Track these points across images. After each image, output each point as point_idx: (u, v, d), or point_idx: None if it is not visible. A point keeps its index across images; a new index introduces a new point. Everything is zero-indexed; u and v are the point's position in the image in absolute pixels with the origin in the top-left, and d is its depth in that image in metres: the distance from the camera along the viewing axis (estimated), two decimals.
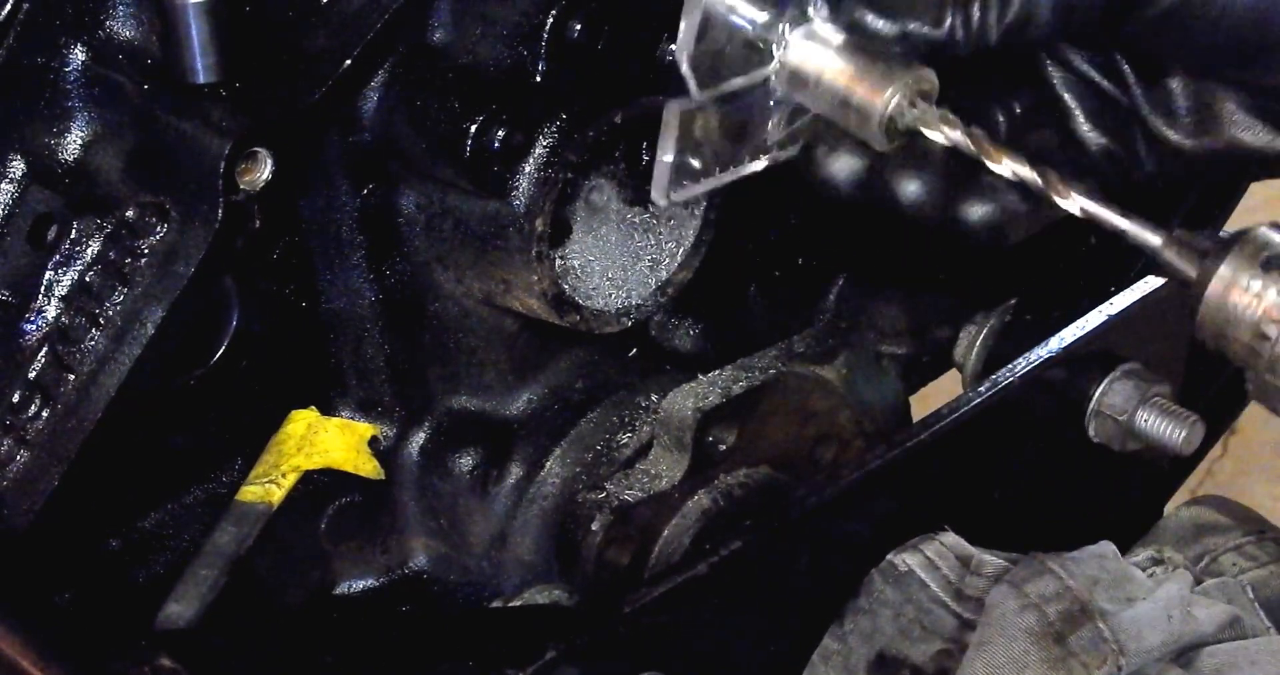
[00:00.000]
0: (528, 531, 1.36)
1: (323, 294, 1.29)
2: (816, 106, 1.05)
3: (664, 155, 1.04)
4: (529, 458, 1.36)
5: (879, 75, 1.01)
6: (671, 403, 1.35)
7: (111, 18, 1.15)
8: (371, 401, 1.33)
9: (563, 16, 1.20)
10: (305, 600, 1.35)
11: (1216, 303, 0.92)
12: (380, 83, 1.21)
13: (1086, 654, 1.13)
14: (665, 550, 1.33)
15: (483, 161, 1.18)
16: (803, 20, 1.04)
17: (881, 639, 1.21)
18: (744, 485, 1.37)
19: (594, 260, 1.27)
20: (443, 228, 1.26)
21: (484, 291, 1.27)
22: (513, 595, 1.36)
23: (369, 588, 1.38)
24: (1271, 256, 0.92)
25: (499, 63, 1.21)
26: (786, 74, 1.04)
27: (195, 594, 1.23)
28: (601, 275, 1.28)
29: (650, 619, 1.17)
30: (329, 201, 1.25)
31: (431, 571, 1.39)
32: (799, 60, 1.03)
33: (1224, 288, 0.92)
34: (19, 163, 1.17)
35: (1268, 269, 0.91)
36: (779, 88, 1.05)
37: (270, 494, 1.27)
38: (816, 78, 1.03)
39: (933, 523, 1.24)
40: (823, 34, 1.03)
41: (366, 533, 1.37)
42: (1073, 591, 1.16)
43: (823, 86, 1.03)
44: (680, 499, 1.34)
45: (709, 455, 1.36)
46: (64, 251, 1.16)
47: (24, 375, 1.15)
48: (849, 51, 1.02)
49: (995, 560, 1.22)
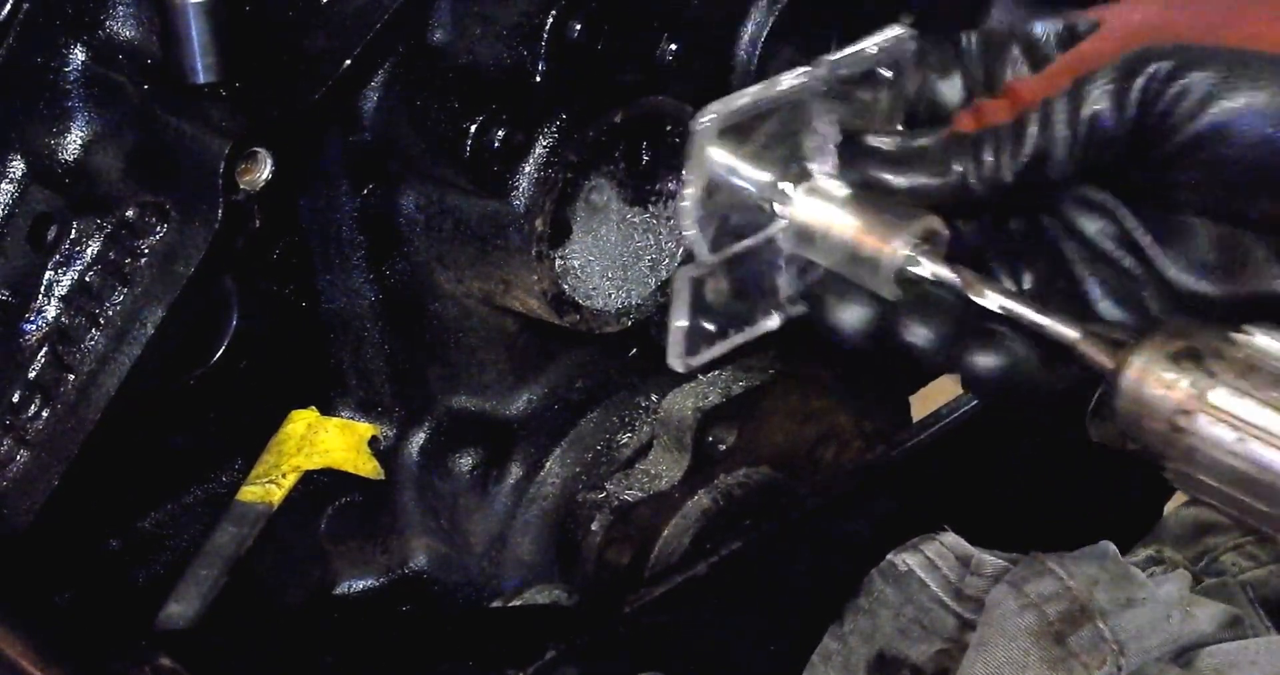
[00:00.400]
0: (528, 531, 1.36)
1: (323, 294, 1.29)
2: (825, 260, 1.05)
3: (678, 321, 1.04)
4: (529, 458, 1.36)
5: (885, 227, 1.01)
6: (671, 403, 1.35)
7: (111, 18, 1.15)
8: (371, 401, 1.33)
9: (563, 16, 1.20)
10: (305, 600, 1.35)
11: (1132, 394, 0.93)
12: (380, 83, 1.21)
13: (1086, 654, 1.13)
14: (665, 550, 1.33)
15: (483, 161, 1.18)
16: (806, 177, 1.04)
17: (881, 639, 1.21)
18: (744, 485, 1.37)
19: (594, 260, 1.27)
20: (443, 228, 1.26)
21: (484, 291, 1.27)
22: (513, 595, 1.36)
23: (369, 588, 1.38)
24: (1183, 348, 0.93)
25: (499, 63, 1.21)
26: (793, 231, 1.04)
27: (195, 594, 1.23)
28: (601, 275, 1.28)
29: (650, 619, 1.17)
30: (329, 201, 1.25)
31: (431, 571, 1.39)
32: (805, 216, 1.04)
33: (1138, 380, 0.93)
34: (19, 163, 1.17)
35: (1179, 361, 0.92)
36: (787, 245, 1.05)
37: (270, 494, 1.27)
38: (824, 232, 1.03)
39: (933, 523, 1.24)
40: (827, 189, 1.04)
41: (366, 533, 1.37)
42: (1073, 591, 1.16)
43: (830, 241, 1.03)
44: (680, 499, 1.35)
45: (709, 455, 1.36)
46: (64, 251, 1.16)
47: (24, 375, 1.15)
48: (854, 205, 1.03)
49: (995, 560, 1.22)
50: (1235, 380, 0.90)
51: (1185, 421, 0.91)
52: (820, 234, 1.03)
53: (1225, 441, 0.90)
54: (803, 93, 1.03)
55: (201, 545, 1.26)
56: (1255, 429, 0.89)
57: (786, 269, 1.08)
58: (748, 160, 1.03)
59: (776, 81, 1.02)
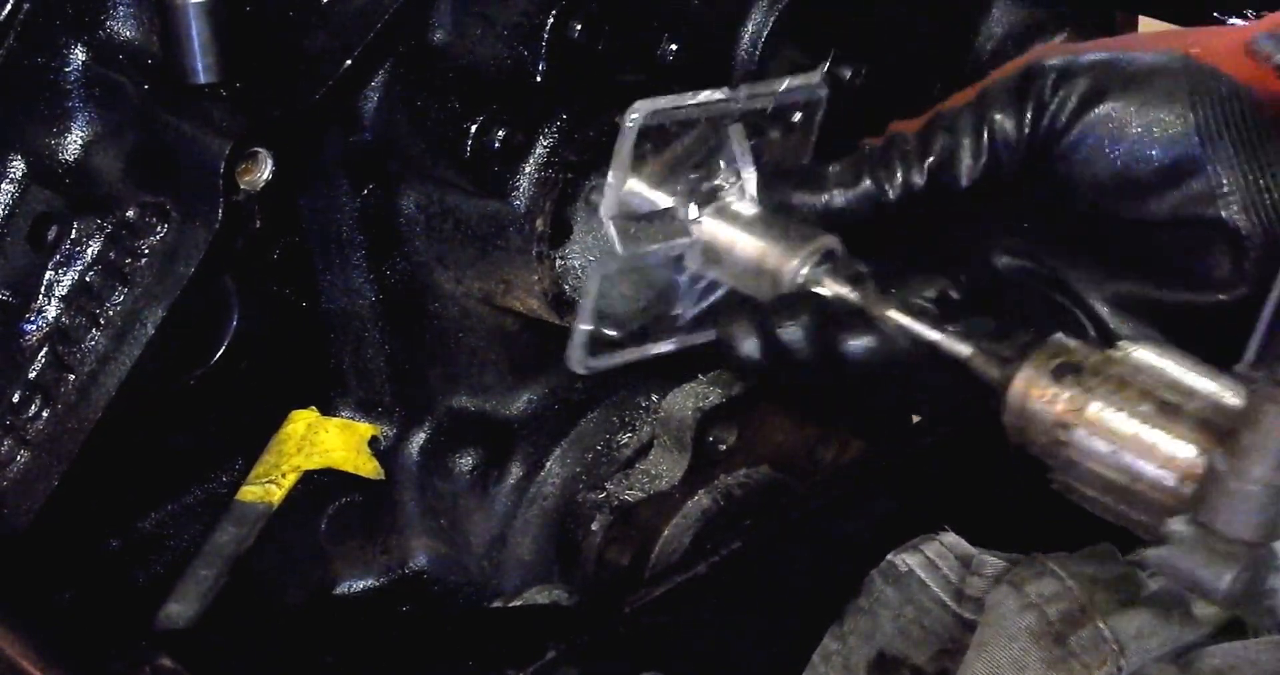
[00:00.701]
0: (528, 531, 1.36)
1: (323, 294, 1.29)
2: (729, 279, 1.10)
3: (581, 323, 1.09)
4: (529, 458, 1.36)
5: (787, 245, 1.07)
6: (672, 403, 1.36)
7: (111, 18, 1.15)
8: (371, 401, 1.33)
9: (563, 16, 1.20)
10: (305, 600, 1.35)
11: (1016, 408, 0.98)
12: (380, 83, 1.21)
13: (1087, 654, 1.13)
14: (665, 550, 1.33)
15: (483, 161, 1.18)
16: (715, 196, 1.09)
17: (881, 639, 1.21)
18: (744, 485, 1.37)
19: (594, 260, 1.27)
20: (443, 228, 1.26)
21: (484, 291, 1.27)
22: (513, 595, 1.36)
23: (369, 588, 1.38)
24: (1063, 364, 0.97)
25: (499, 63, 1.21)
26: (700, 249, 1.10)
27: (195, 593, 1.23)
28: None
29: (650, 619, 1.17)
30: (329, 201, 1.25)
31: (431, 571, 1.39)
32: (712, 235, 1.09)
33: (1021, 394, 0.98)
34: (19, 163, 1.17)
35: (1059, 376, 0.97)
36: (693, 262, 1.11)
37: (270, 494, 1.27)
38: (729, 251, 1.09)
39: (933, 523, 1.24)
40: (734, 209, 1.09)
41: (366, 533, 1.37)
42: (1073, 591, 1.16)
43: (734, 259, 1.08)
44: (680, 499, 1.35)
45: (709, 455, 1.36)
46: (64, 251, 1.16)
47: (24, 375, 1.15)
48: (759, 225, 1.08)
49: (995, 560, 1.22)
50: (1110, 395, 0.95)
51: (1064, 435, 0.96)
52: (725, 252, 1.09)
53: (1101, 453, 0.94)
54: (722, 112, 1.09)
55: (201, 545, 1.26)
56: (1127, 440, 0.94)
57: (687, 294, 1.12)
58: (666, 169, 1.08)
59: (698, 92, 1.07)
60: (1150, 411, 0.94)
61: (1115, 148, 1.03)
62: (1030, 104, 1.05)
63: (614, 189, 1.06)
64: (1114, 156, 1.03)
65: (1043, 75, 1.05)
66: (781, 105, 1.12)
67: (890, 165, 1.07)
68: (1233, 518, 0.90)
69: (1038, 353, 0.99)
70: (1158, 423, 0.94)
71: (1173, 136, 1.02)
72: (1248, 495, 0.89)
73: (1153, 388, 0.95)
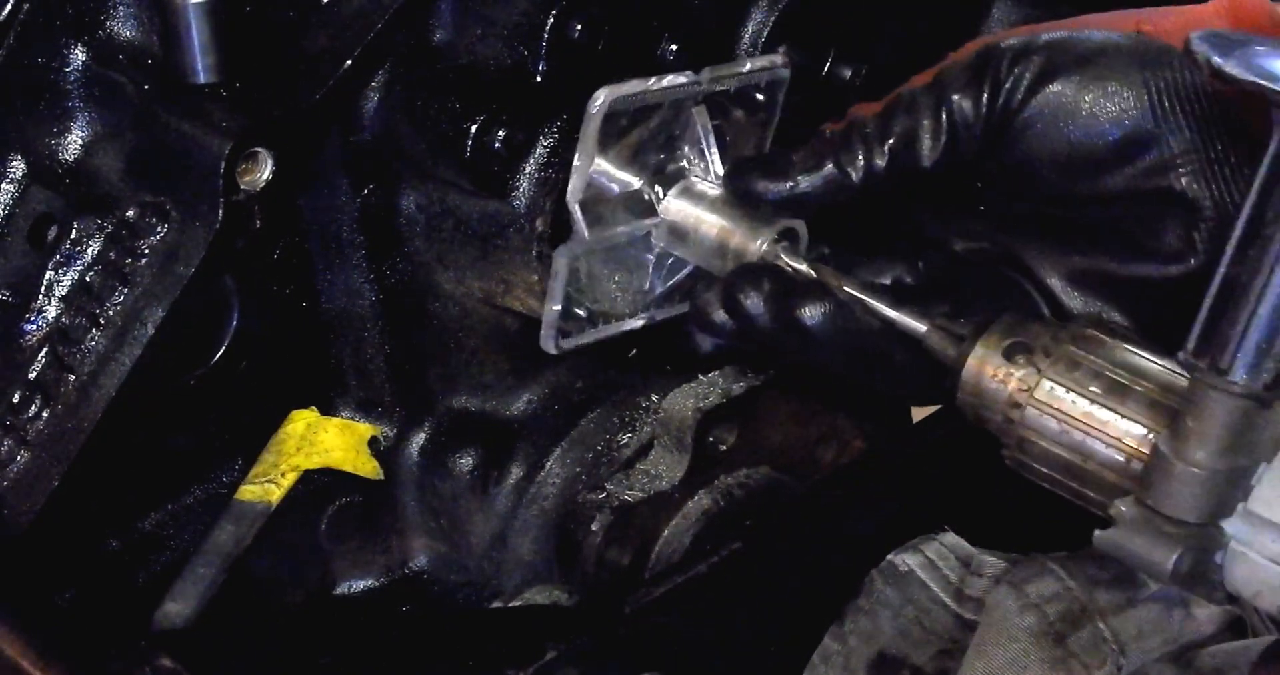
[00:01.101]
0: (528, 531, 1.36)
1: (323, 294, 1.29)
2: (695, 257, 1.14)
3: (552, 304, 1.12)
4: (529, 458, 1.36)
5: (750, 225, 1.10)
6: (672, 403, 1.36)
7: (111, 18, 1.15)
8: (371, 401, 1.33)
9: (563, 16, 1.20)
10: (305, 600, 1.35)
11: (971, 386, 1.01)
12: (380, 83, 1.21)
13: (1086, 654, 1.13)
14: (665, 550, 1.33)
15: (483, 161, 1.18)
16: (681, 177, 1.13)
17: (881, 639, 1.21)
18: (744, 485, 1.37)
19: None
20: (443, 228, 1.26)
21: (484, 291, 1.27)
22: (513, 595, 1.36)
23: (369, 588, 1.38)
24: (1014, 343, 1.00)
25: (499, 63, 1.21)
26: (666, 228, 1.13)
27: (193, 592, 1.23)
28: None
29: (650, 619, 1.17)
30: (329, 201, 1.25)
31: (431, 571, 1.39)
32: (677, 215, 1.13)
33: (975, 373, 1.01)
34: (19, 163, 1.16)
35: (1011, 355, 1.00)
36: (660, 241, 1.14)
37: (269, 493, 1.27)
38: (694, 230, 1.12)
39: (933, 523, 1.24)
40: (699, 189, 1.12)
41: (366, 533, 1.36)
42: (1073, 591, 1.16)
43: (699, 238, 1.12)
44: (680, 499, 1.35)
45: (709, 455, 1.36)
46: (64, 251, 1.16)
47: (24, 375, 1.15)
48: (723, 204, 1.11)
49: (995, 560, 1.22)
50: (1061, 374, 0.98)
51: (1017, 413, 0.99)
52: (690, 231, 1.12)
53: (1051, 431, 0.98)
54: (685, 95, 1.12)
55: (200, 544, 1.26)
56: (1076, 420, 0.97)
57: (656, 271, 1.16)
58: (631, 152, 1.11)
59: (663, 78, 1.10)
60: (1100, 391, 0.97)
61: (1069, 125, 1.04)
62: (987, 83, 1.05)
63: (580, 173, 1.09)
64: (1068, 133, 1.04)
65: (999, 55, 1.05)
66: (745, 85, 1.15)
67: (851, 148, 1.07)
68: (1177, 500, 0.92)
69: (991, 332, 1.01)
70: (1108, 402, 0.97)
71: (1126, 112, 1.03)
72: (1191, 478, 0.92)
73: (1103, 367, 0.98)
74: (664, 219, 1.13)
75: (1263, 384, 0.90)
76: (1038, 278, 1.10)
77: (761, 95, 1.16)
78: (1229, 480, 0.92)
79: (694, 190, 1.13)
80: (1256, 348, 0.89)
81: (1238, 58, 0.87)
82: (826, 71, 1.38)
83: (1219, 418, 0.90)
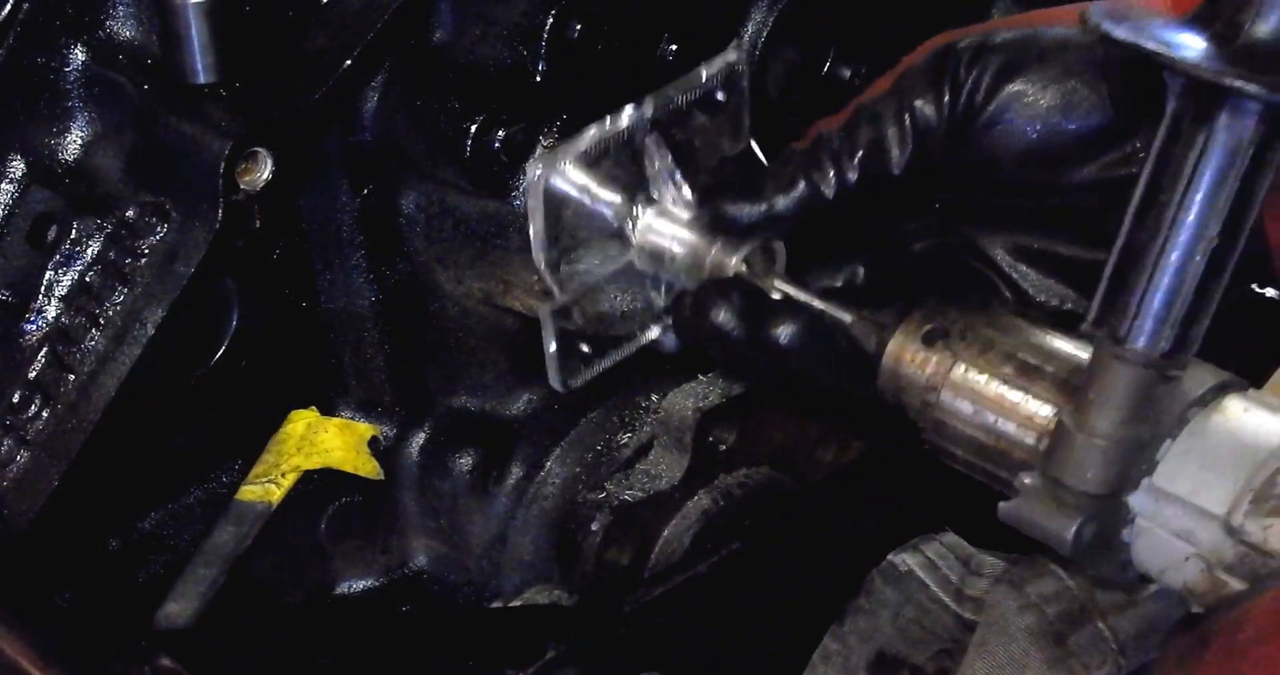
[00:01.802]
0: (528, 531, 1.36)
1: (323, 294, 1.29)
2: (673, 278, 1.14)
3: (549, 348, 1.12)
4: (529, 458, 1.36)
5: (725, 244, 1.10)
6: (672, 403, 1.35)
7: (111, 18, 1.15)
8: (371, 401, 1.33)
9: (563, 16, 1.20)
10: (305, 600, 1.35)
11: (890, 371, 1.03)
12: (380, 83, 1.21)
13: (1086, 654, 1.13)
14: (665, 550, 1.33)
15: (483, 162, 1.18)
16: (651, 203, 1.13)
17: (881, 639, 1.21)
18: (744, 485, 1.37)
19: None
20: (443, 228, 1.26)
21: (484, 291, 1.27)
22: (513, 595, 1.36)
23: (369, 588, 1.38)
24: (933, 329, 1.02)
25: (499, 63, 1.21)
26: (645, 252, 1.13)
27: (194, 592, 1.23)
28: None
29: (650, 619, 1.17)
30: (329, 201, 1.25)
31: (431, 571, 1.39)
32: (654, 237, 1.13)
33: (894, 359, 1.03)
34: (19, 163, 1.17)
35: (930, 341, 1.02)
36: (642, 265, 1.14)
37: (269, 493, 1.27)
38: (670, 252, 1.12)
39: (933, 523, 1.24)
40: (673, 211, 1.12)
41: (366, 533, 1.37)
42: (1072, 591, 1.16)
43: (677, 259, 1.12)
44: (680, 499, 1.35)
45: (709, 455, 1.36)
46: (64, 251, 1.16)
47: (24, 375, 1.15)
48: (696, 225, 1.11)
49: (995, 560, 1.22)
50: (975, 358, 1.00)
51: (932, 397, 1.01)
52: (667, 254, 1.12)
53: (965, 414, 1.00)
54: (633, 128, 1.11)
55: (200, 544, 1.26)
56: (989, 401, 0.99)
57: (655, 284, 1.16)
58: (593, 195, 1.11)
59: (604, 121, 1.10)
60: (1012, 373, 0.99)
61: (1032, 122, 1.04)
62: (947, 86, 1.06)
63: (537, 239, 1.09)
64: (1031, 130, 1.04)
65: (956, 56, 1.06)
66: (705, 92, 1.15)
67: (821, 165, 1.08)
68: (1078, 470, 0.93)
69: (910, 319, 1.03)
70: (1018, 384, 0.98)
71: (1087, 107, 1.03)
72: (1093, 448, 0.92)
73: (1016, 350, 0.99)
74: (639, 246, 1.14)
75: (1160, 352, 0.90)
76: (999, 267, 1.11)
77: (722, 94, 1.16)
78: (1131, 452, 0.92)
79: (666, 214, 1.13)
80: (1154, 315, 0.90)
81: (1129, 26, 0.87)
82: (826, 71, 1.38)
83: (1119, 387, 0.91)
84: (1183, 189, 0.88)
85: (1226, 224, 0.88)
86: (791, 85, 1.37)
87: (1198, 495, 0.92)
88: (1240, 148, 0.87)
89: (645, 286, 1.18)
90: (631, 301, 1.17)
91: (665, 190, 1.13)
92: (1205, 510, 0.92)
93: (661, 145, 1.13)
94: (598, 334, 1.16)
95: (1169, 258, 0.89)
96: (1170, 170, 0.88)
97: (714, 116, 1.17)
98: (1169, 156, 0.88)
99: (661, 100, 1.13)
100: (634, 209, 1.13)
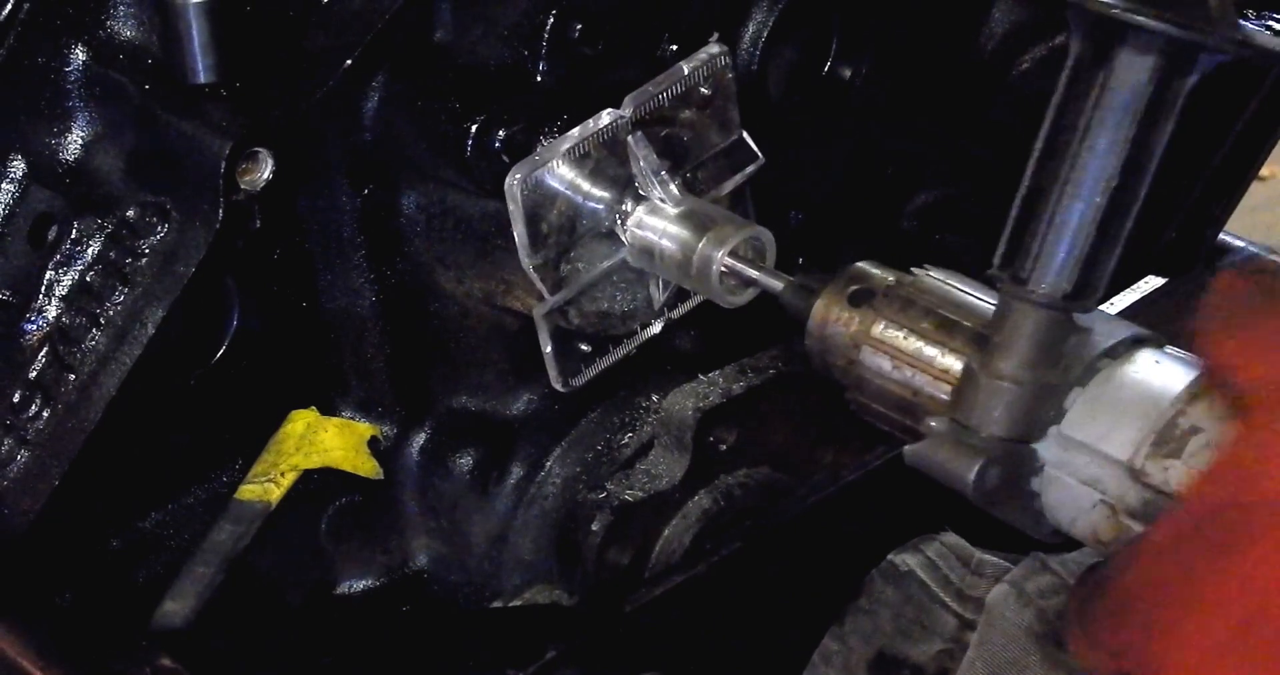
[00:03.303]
0: (528, 531, 1.36)
1: (323, 294, 1.29)
2: (664, 274, 1.16)
3: (547, 349, 1.15)
4: (529, 457, 1.36)
5: (714, 238, 1.12)
6: (672, 403, 1.36)
7: (111, 18, 1.15)
8: (371, 401, 1.33)
9: (563, 16, 1.20)
10: (305, 600, 1.35)
11: (817, 333, 1.05)
12: (380, 83, 1.21)
13: None
14: (665, 550, 1.33)
15: (483, 161, 1.18)
16: (639, 201, 1.15)
17: (881, 639, 1.21)
18: (744, 485, 1.37)
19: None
20: (443, 228, 1.26)
21: (484, 291, 1.27)
22: (513, 595, 1.36)
23: (369, 588, 1.38)
24: (858, 290, 1.04)
25: (499, 63, 1.21)
26: (636, 249, 1.15)
27: (192, 592, 1.23)
28: None
29: (650, 619, 1.17)
30: (329, 201, 1.25)
31: (431, 571, 1.39)
32: (643, 234, 1.15)
33: (820, 320, 1.04)
34: (19, 163, 1.17)
35: (855, 302, 1.03)
36: (634, 262, 1.16)
37: (269, 493, 1.27)
38: (659, 247, 1.14)
39: (933, 523, 1.24)
40: (661, 207, 1.14)
41: (366, 533, 1.36)
42: None
43: (665, 256, 1.14)
44: (680, 499, 1.35)
45: (709, 455, 1.36)
46: (64, 251, 1.16)
47: (24, 375, 1.15)
48: (683, 221, 1.14)
49: (995, 560, 1.22)
50: (895, 315, 1.01)
51: (854, 354, 1.02)
52: (657, 250, 1.14)
53: (885, 370, 1.01)
54: (614, 127, 1.14)
55: (200, 544, 1.26)
56: (907, 355, 1.00)
57: (656, 280, 1.18)
58: (581, 195, 1.14)
59: (586, 126, 1.13)
60: (930, 328, 1.00)
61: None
62: None
63: (521, 243, 1.12)
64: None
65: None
66: (687, 88, 1.17)
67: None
68: (983, 412, 0.94)
69: (836, 280, 1.05)
70: (935, 338, 1.00)
71: None
72: (997, 390, 0.93)
73: (935, 306, 1.01)
74: (629, 244, 1.15)
75: (1063, 294, 0.91)
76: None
77: (706, 88, 1.18)
78: (1038, 397, 0.93)
79: (655, 211, 1.15)
80: (1056, 256, 0.90)
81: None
82: (826, 71, 1.38)
83: (1023, 329, 0.92)
84: (1083, 129, 0.88)
85: (1128, 165, 0.89)
86: (791, 85, 1.37)
87: (1104, 441, 0.93)
88: (1139, 87, 0.87)
89: (643, 284, 1.18)
90: (631, 299, 1.17)
91: (652, 187, 1.14)
92: (1110, 456, 0.92)
93: (645, 143, 1.15)
94: (597, 332, 1.17)
95: (1069, 199, 0.90)
96: (1071, 110, 0.89)
97: (700, 111, 1.18)
98: (1071, 97, 0.89)
99: (641, 98, 1.14)
100: (623, 207, 1.14)
